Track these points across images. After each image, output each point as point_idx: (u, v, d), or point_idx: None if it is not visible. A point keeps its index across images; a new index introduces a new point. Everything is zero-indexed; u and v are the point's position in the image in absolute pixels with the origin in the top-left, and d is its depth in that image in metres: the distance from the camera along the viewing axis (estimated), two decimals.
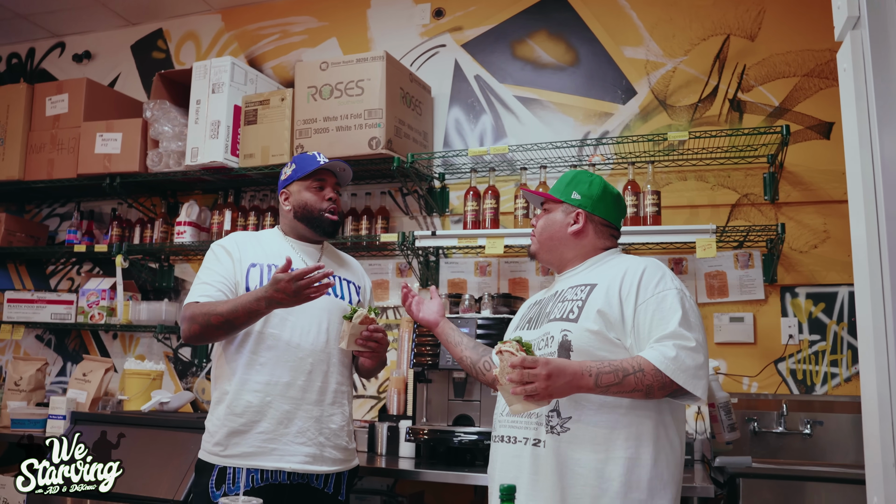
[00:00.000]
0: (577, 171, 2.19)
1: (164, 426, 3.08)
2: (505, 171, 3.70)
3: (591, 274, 2.07)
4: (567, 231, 2.12)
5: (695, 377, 1.83)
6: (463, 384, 3.12)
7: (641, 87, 3.65)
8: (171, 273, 4.32)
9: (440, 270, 3.82)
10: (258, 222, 3.90)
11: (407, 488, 3.49)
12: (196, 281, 2.39)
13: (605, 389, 1.82)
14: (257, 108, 3.76)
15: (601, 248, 2.14)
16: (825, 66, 3.39)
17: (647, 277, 1.96)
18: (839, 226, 3.27)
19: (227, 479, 2.24)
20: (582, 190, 2.13)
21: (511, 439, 2.00)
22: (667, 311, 1.90)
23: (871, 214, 1.37)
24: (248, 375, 2.30)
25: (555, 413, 1.91)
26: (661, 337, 1.86)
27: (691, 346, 1.84)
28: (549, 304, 2.11)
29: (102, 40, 4.80)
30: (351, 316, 2.30)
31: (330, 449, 2.35)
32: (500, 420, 2.06)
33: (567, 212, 2.14)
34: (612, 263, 2.07)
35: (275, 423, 2.27)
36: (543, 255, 2.20)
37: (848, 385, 3.17)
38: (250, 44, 4.41)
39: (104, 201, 4.53)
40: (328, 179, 2.51)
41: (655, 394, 1.84)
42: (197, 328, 2.25)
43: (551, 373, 1.75)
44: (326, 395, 2.37)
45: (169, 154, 3.92)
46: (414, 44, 4.07)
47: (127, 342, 4.37)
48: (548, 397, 1.78)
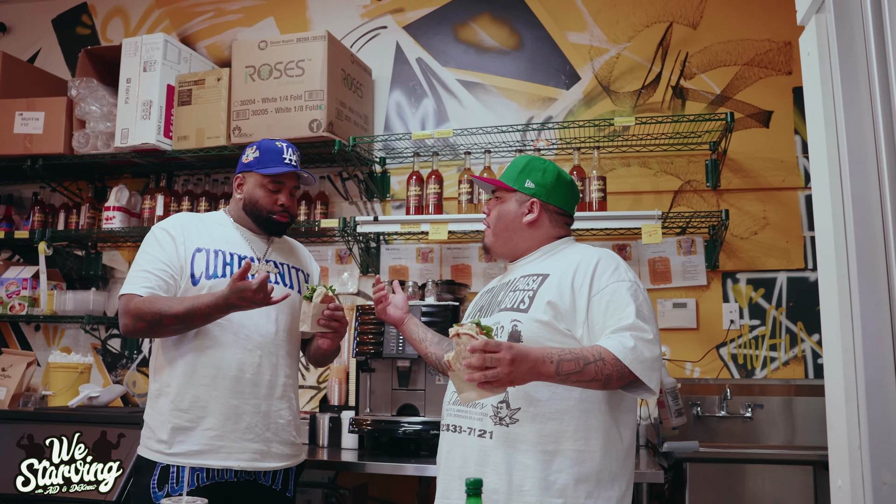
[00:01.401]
0: (529, 158, 2.12)
1: (94, 422, 2.93)
2: (448, 155, 3.64)
3: (543, 263, 2.03)
4: (522, 221, 2.07)
5: (651, 369, 1.80)
6: (407, 373, 3.06)
7: (585, 73, 3.64)
8: (99, 261, 4.12)
9: (381, 257, 3.75)
10: (192, 207, 3.74)
11: (350, 480, 3.41)
12: (134, 267, 2.24)
13: (566, 378, 1.75)
14: (192, 87, 3.60)
15: (555, 236, 2.10)
16: (765, 56, 3.44)
17: (601, 268, 1.92)
18: (778, 212, 3.33)
19: (170, 479, 2.12)
20: (536, 178, 2.07)
21: (457, 428, 1.95)
22: (621, 302, 1.86)
23: (837, 199, 1.35)
24: (193, 369, 2.18)
25: (504, 404, 1.87)
26: (619, 328, 1.82)
27: (649, 338, 1.81)
28: (500, 292, 2.06)
29: (20, 12, 4.52)
30: (311, 296, 2.20)
31: (277, 444, 2.26)
32: (447, 409, 2.02)
33: (521, 201, 2.08)
34: (566, 253, 2.04)
35: (222, 418, 2.17)
36: (498, 248, 2.13)
37: (786, 368, 3.24)
38: (183, 21, 4.23)
39: (24, 185, 4.28)
40: (287, 183, 2.37)
41: (613, 384, 1.79)
42: (143, 326, 2.12)
43: (515, 357, 1.66)
44: (276, 388, 2.27)
45: (97, 135, 3.72)
46: (354, 25, 3.97)
47: (51, 334, 4.15)
48: (508, 384, 1.69)
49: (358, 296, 3.71)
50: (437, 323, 2.96)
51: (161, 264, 2.21)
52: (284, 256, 2.44)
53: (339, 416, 3.24)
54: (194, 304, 2.10)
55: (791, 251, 3.30)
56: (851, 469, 1.28)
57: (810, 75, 1.48)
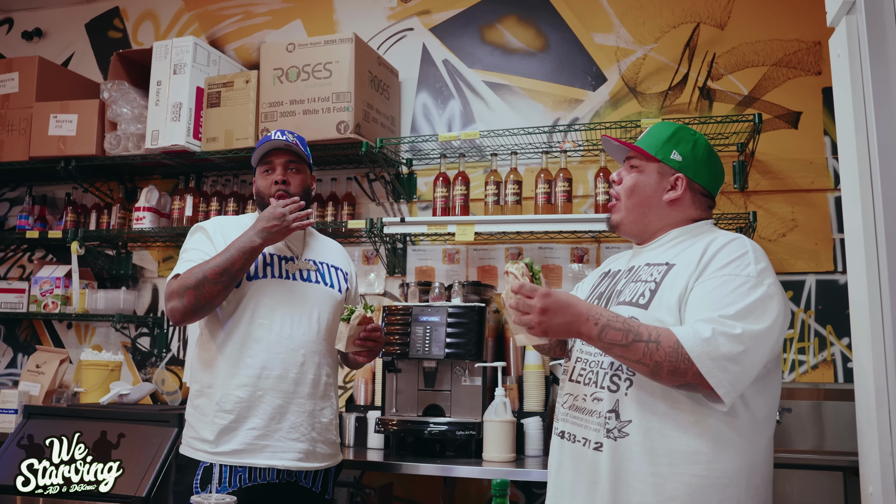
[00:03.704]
0: (678, 125, 1.84)
1: (125, 419, 2.98)
2: (474, 157, 3.65)
3: (672, 250, 1.76)
4: (662, 198, 1.79)
5: (722, 369, 1.49)
6: (433, 373, 3.08)
7: (612, 74, 3.63)
8: (129, 260, 4.18)
9: (407, 258, 3.77)
10: (220, 208, 3.79)
11: (375, 480, 3.43)
12: (180, 259, 2.29)
13: (609, 347, 1.57)
14: (221, 90, 3.64)
15: (693, 218, 1.81)
16: (794, 56, 3.41)
17: (723, 253, 1.64)
18: (807, 214, 3.30)
19: (213, 478, 2.15)
20: (684, 150, 1.79)
21: (572, 437, 1.75)
22: (731, 292, 1.56)
23: (867, 201, 1.35)
24: (236, 369, 2.21)
25: (613, 414, 1.64)
26: (707, 319, 1.54)
27: (735, 332, 1.50)
28: (621, 280, 1.82)
29: (54, 17, 4.61)
30: (348, 318, 2.21)
31: (321, 444, 2.28)
32: (561, 412, 1.81)
33: (663, 174, 1.80)
34: (700, 239, 1.74)
35: (266, 418, 2.19)
36: (629, 226, 1.84)
37: (815, 372, 3.20)
38: (212, 24, 4.28)
39: (58, 186, 4.36)
40: (275, 161, 2.37)
41: (664, 377, 1.54)
42: (192, 296, 2.12)
43: (548, 307, 1.55)
44: (319, 387, 2.29)
45: (128, 137, 3.78)
46: (381, 27, 3.99)
47: (82, 332, 4.22)
48: (542, 333, 1.58)
49: (384, 296, 3.73)
50: (464, 324, 2.97)
51: (202, 254, 2.24)
52: (322, 255, 2.46)
53: (365, 415, 3.26)
54: (229, 249, 2.14)
55: (820, 253, 3.27)
56: (883, 475, 1.27)
57: (840, 77, 1.47)
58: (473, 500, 3.40)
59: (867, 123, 1.37)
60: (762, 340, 1.53)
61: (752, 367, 1.53)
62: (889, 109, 1.35)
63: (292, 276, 2.28)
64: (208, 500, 1.54)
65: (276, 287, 2.26)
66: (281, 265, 2.30)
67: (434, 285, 3.25)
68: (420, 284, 3.31)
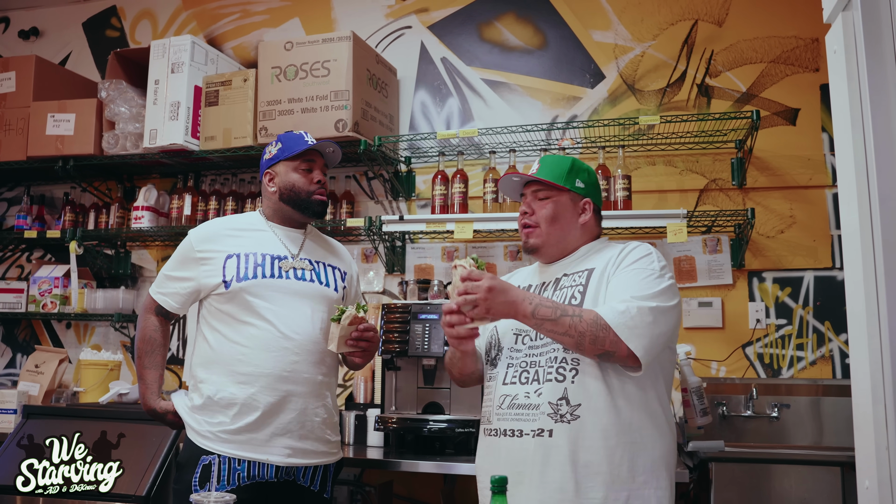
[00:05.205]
0: (571, 158, 2.10)
1: (124, 419, 2.98)
2: (473, 154, 3.65)
3: (586, 261, 2.03)
4: (577, 221, 2.06)
5: (637, 335, 1.78)
6: (433, 371, 3.08)
7: (610, 72, 3.63)
8: (128, 260, 4.18)
9: (406, 256, 3.77)
10: (219, 207, 3.79)
11: (375, 478, 3.44)
12: (164, 268, 2.39)
13: (540, 323, 1.83)
14: (219, 88, 3.64)
15: (596, 235, 2.12)
16: (791, 53, 3.41)
17: (634, 253, 1.96)
18: (805, 211, 3.30)
19: (211, 476, 2.16)
20: (584, 178, 2.07)
21: (512, 433, 1.92)
22: (641, 280, 1.88)
23: (864, 198, 1.35)
24: (231, 367, 2.22)
25: (563, 401, 1.86)
26: (622, 300, 1.84)
27: (648, 306, 1.81)
28: (547, 291, 2.04)
29: (51, 16, 4.60)
30: (339, 318, 2.21)
31: (314, 442, 2.29)
32: (497, 413, 1.97)
33: (574, 200, 2.06)
34: (608, 246, 2.06)
35: (259, 416, 2.20)
36: (550, 249, 2.07)
37: (813, 368, 3.21)
38: (210, 23, 4.28)
39: (56, 185, 4.36)
40: (317, 161, 2.43)
41: (586, 346, 1.80)
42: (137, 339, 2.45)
43: (492, 287, 1.81)
44: (313, 387, 2.30)
45: (126, 136, 3.78)
46: (379, 25, 3.99)
47: (81, 332, 4.22)
48: (485, 312, 1.83)
49: (383, 294, 3.74)
50: None
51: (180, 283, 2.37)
52: (320, 254, 2.46)
53: (364, 413, 3.27)
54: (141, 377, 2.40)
55: (818, 250, 3.27)
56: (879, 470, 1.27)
57: (837, 73, 1.47)
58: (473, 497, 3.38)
59: (863, 120, 1.37)
60: (668, 316, 1.86)
61: (661, 336, 1.84)
62: (885, 106, 1.35)
63: (285, 274, 2.29)
64: (208, 498, 1.55)
65: (268, 285, 2.27)
66: (273, 264, 2.31)
67: (433, 283, 3.25)
68: (419, 282, 3.31)
